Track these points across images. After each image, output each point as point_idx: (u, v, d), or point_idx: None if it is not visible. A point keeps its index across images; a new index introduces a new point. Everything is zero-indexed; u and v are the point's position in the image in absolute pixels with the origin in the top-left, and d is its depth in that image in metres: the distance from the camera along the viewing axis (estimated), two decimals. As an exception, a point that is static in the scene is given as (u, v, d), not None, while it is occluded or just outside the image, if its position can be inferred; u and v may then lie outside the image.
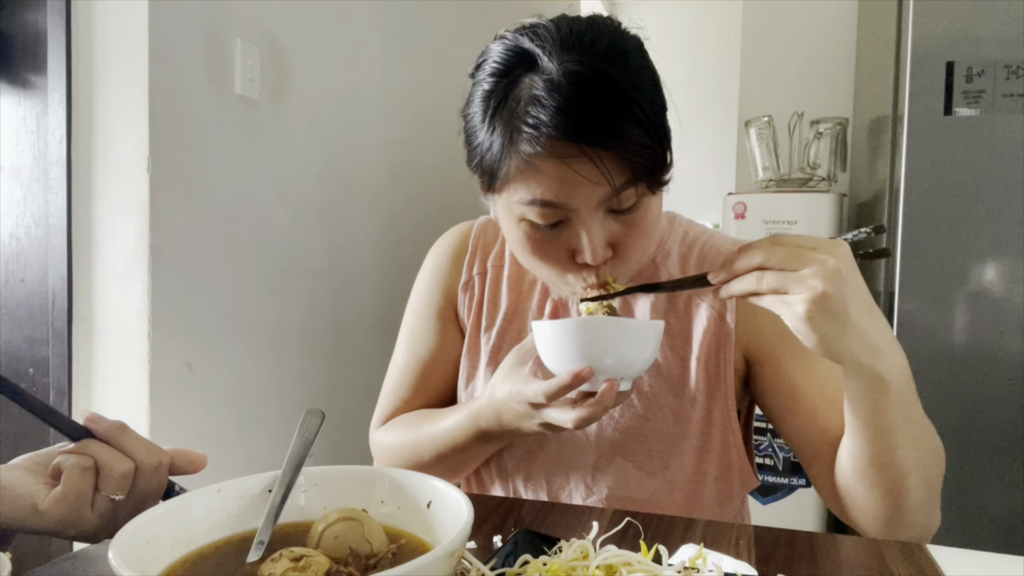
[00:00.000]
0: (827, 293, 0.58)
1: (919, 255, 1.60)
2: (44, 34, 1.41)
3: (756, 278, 0.61)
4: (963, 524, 1.54)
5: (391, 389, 0.96)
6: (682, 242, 0.89)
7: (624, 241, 0.72)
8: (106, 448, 0.56)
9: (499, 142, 0.69)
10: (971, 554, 0.65)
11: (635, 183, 0.68)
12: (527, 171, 0.68)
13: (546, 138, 0.65)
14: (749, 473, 0.86)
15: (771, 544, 0.65)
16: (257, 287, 1.69)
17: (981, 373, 1.56)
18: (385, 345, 2.17)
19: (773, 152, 2.19)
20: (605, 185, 0.66)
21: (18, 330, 1.47)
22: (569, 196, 0.68)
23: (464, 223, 0.99)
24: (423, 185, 2.36)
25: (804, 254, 0.60)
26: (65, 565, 0.60)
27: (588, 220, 0.69)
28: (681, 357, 0.84)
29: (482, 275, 0.93)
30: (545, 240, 0.72)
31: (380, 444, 0.93)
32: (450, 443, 0.83)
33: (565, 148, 0.65)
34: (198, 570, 0.49)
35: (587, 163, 0.65)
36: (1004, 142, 1.54)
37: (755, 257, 0.61)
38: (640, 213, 0.71)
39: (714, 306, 0.84)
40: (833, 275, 0.59)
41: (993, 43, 1.54)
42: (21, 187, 1.47)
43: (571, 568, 0.50)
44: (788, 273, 0.60)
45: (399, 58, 2.20)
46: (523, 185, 0.69)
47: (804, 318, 0.59)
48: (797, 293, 0.59)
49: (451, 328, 0.94)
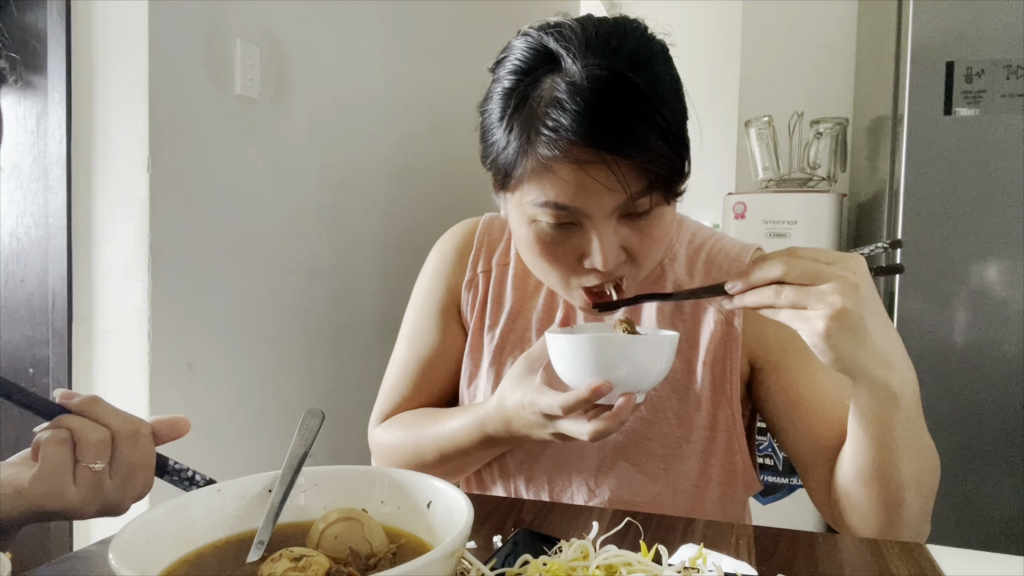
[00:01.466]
0: (846, 309, 0.58)
1: (919, 255, 1.60)
2: (44, 34, 1.41)
3: (774, 292, 0.61)
4: (963, 524, 1.54)
5: (391, 386, 0.95)
6: (689, 244, 0.88)
7: (636, 248, 0.71)
8: (80, 419, 0.57)
9: (516, 142, 0.69)
10: (971, 554, 0.65)
11: (651, 192, 0.67)
12: (543, 173, 0.67)
13: (565, 142, 0.64)
14: (752, 478, 0.86)
15: (771, 544, 0.65)
16: (257, 287, 1.69)
17: (981, 373, 1.56)
18: (386, 345, 2.17)
19: (773, 152, 2.19)
20: (621, 192, 0.66)
21: (18, 330, 1.47)
22: (584, 201, 0.67)
23: (469, 220, 0.98)
24: (423, 185, 2.36)
25: (823, 269, 0.59)
26: (65, 565, 0.60)
27: (601, 226, 0.68)
28: (687, 361, 0.84)
29: (486, 273, 0.93)
30: (555, 243, 0.71)
31: (380, 442, 0.92)
32: (454, 445, 0.83)
33: (583, 153, 0.65)
34: (198, 570, 0.49)
35: (604, 170, 0.65)
36: (1004, 142, 1.54)
37: (773, 270, 0.61)
38: (654, 221, 0.71)
39: (722, 311, 0.83)
40: (852, 291, 0.58)
41: (993, 43, 1.54)
42: (21, 187, 1.47)
43: (571, 568, 0.50)
44: (807, 288, 0.59)
45: (399, 58, 2.20)
46: (537, 186, 0.68)
47: (823, 334, 0.59)
48: (816, 308, 0.59)
49: (453, 326, 0.94)
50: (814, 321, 0.59)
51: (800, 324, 0.60)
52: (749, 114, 2.29)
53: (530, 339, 0.89)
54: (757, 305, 0.62)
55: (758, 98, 2.39)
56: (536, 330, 0.89)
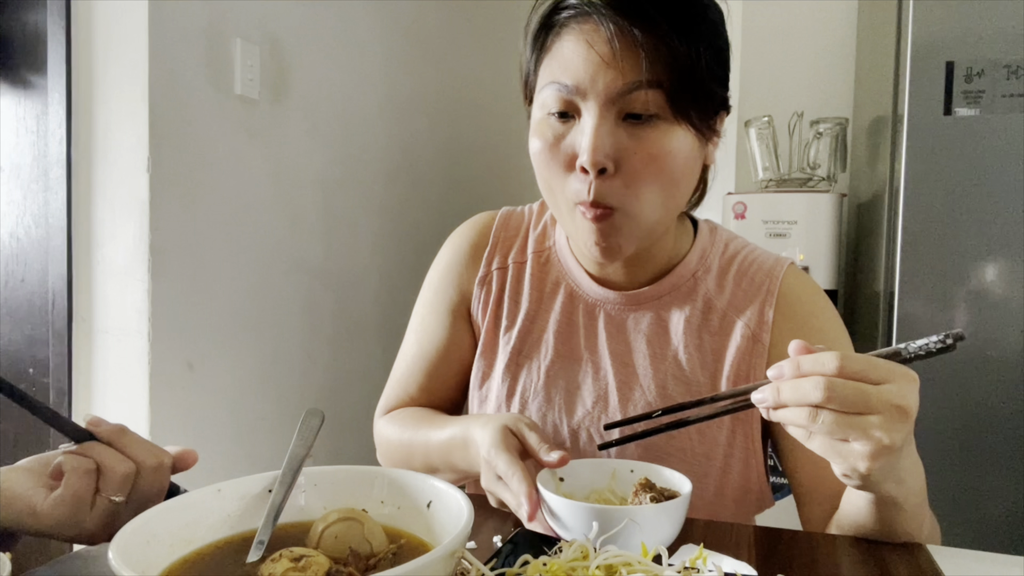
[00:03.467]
0: (892, 447, 0.51)
1: (919, 255, 1.60)
2: (44, 34, 1.41)
3: (809, 415, 0.51)
4: (963, 524, 1.54)
5: (397, 379, 0.94)
6: (722, 256, 0.85)
7: (629, 159, 0.68)
8: (108, 450, 0.56)
9: (534, 34, 0.72)
10: (971, 554, 0.65)
11: (651, 87, 0.66)
12: (553, 54, 0.70)
13: (580, 9, 0.67)
14: (768, 495, 0.84)
15: (771, 544, 0.65)
16: (257, 287, 1.69)
17: (981, 373, 1.56)
18: (385, 345, 2.17)
19: (773, 152, 2.19)
20: (617, 73, 0.66)
21: (18, 330, 1.47)
22: (581, 77, 0.67)
23: (485, 213, 0.95)
24: (423, 185, 2.36)
25: (870, 395, 0.50)
26: (65, 565, 0.60)
27: (596, 114, 0.67)
28: (712, 375, 0.81)
29: (502, 270, 0.90)
30: (556, 140, 0.71)
31: (380, 434, 0.92)
32: (441, 456, 0.80)
33: (590, 26, 0.67)
34: (198, 570, 0.49)
35: (607, 47, 0.66)
36: (1004, 142, 1.54)
37: (812, 393, 0.51)
38: (654, 134, 0.68)
39: (750, 325, 0.81)
40: (902, 423, 0.51)
41: (993, 43, 1.54)
42: (21, 187, 1.47)
43: (571, 568, 0.50)
44: (850, 418, 0.51)
45: (399, 58, 2.20)
46: (547, 69, 0.71)
47: (863, 473, 0.52)
48: (858, 443, 0.51)
49: (462, 324, 0.91)
50: (854, 459, 0.52)
51: (834, 457, 0.53)
52: (749, 114, 2.29)
53: (548, 344, 0.86)
54: (788, 423, 0.54)
55: (758, 98, 2.39)
56: (554, 336, 0.86)
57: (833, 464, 0.54)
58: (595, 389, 0.84)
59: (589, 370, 0.84)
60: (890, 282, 1.66)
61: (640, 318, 0.84)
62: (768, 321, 0.80)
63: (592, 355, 0.85)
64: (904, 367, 0.54)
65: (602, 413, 0.83)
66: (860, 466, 0.52)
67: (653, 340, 0.83)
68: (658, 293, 0.83)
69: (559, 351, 0.86)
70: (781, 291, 0.82)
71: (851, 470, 0.53)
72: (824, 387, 0.50)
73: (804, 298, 0.82)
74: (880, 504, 0.62)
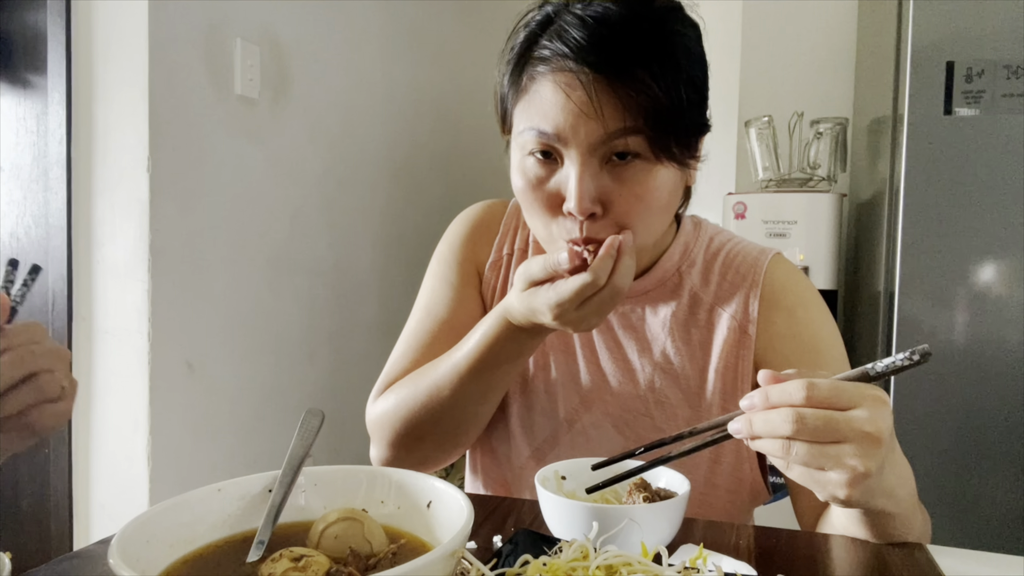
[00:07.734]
0: (867, 474, 0.51)
1: (919, 255, 1.60)
2: (44, 34, 1.41)
3: (783, 447, 0.52)
4: (963, 524, 1.54)
5: (398, 357, 0.88)
6: (707, 250, 0.86)
7: (616, 201, 0.67)
8: None
9: (511, 72, 0.71)
10: (971, 554, 0.65)
11: (632, 133, 0.65)
12: (530, 97, 0.69)
13: (554, 59, 0.66)
14: (760, 487, 0.84)
15: (771, 544, 0.65)
16: (257, 287, 1.69)
17: (981, 373, 1.56)
18: (385, 345, 2.17)
19: (773, 152, 2.19)
20: (598, 123, 0.65)
21: (18, 330, 1.47)
22: (562, 127, 0.66)
23: (495, 200, 0.95)
24: (423, 185, 2.36)
25: (839, 424, 0.50)
26: (65, 565, 0.60)
27: (579, 162, 0.66)
28: (700, 368, 0.83)
29: (509, 256, 0.90)
30: (540, 180, 0.70)
31: (380, 411, 0.84)
32: (480, 358, 0.76)
33: (566, 75, 0.65)
34: (198, 570, 0.49)
35: (585, 96, 0.64)
36: (1004, 142, 1.54)
37: (781, 427, 0.51)
38: (638, 175, 0.67)
39: (736, 317, 0.82)
40: (875, 449, 0.51)
41: (993, 43, 1.54)
42: (21, 187, 1.47)
43: (571, 568, 0.50)
44: (822, 448, 0.51)
45: (399, 58, 2.20)
46: (524, 112, 0.70)
47: (843, 500, 0.53)
48: (833, 471, 0.52)
49: (475, 296, 0.89)
50: (832, 488, 0.52)
51: (814, 486, 0.53)
52: (749, 114, 2.29)
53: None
54: (766, 453, 0.54)
55: (758, 98, 2.39)
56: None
57: (815, 492, 0.54)
58: (588, 382, 0.86)
59: (582, 363, 0.86)
60: (890, 282, 1.66)
61: (628, 313, 0.85)
62: (753, 312, 0.81)
63: (584, 349, 0.86)
64: (874, 388, 0.53)
65: (594, 405, 0.85)
66: (839, 494, 0.52)
67: (641, 335, 0.84)
68: (644, 288, 0.84)
69: (552, 344, 0.87)
70: (765, 281, 0.82)
71: (831, 497, 0.54)
72: (793, 419, 0.51)
73: (789, 288, 0.83)
74: (870, 515, 0.63)
